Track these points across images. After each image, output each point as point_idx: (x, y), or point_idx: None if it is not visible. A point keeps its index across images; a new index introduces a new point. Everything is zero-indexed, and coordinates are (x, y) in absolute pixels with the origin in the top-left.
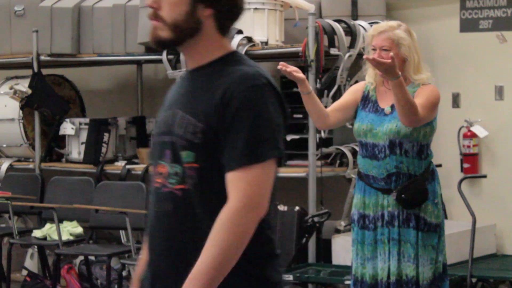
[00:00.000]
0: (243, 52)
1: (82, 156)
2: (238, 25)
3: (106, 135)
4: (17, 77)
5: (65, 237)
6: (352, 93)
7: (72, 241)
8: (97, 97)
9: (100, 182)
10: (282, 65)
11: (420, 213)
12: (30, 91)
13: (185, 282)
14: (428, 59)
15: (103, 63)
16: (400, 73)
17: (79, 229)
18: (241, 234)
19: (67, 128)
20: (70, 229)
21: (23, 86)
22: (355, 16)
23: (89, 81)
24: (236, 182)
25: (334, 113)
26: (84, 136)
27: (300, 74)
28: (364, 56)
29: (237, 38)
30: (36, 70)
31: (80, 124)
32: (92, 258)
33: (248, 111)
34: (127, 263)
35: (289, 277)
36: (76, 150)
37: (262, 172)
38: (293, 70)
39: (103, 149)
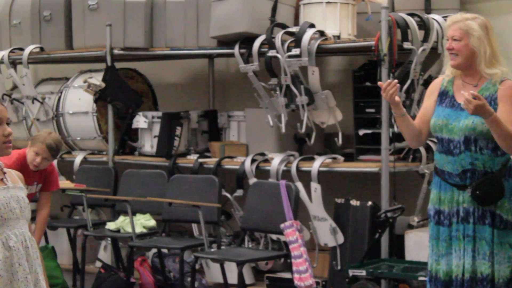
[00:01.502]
0: (315, 47)
1: (154, 149)
2: (310, 18)
3: (178, 128)
4: (90, 71)
5: (138, 229)
6: (430, 96)
7: (145, 233)
8: (169, 90)
9: (172, 176)
10: (382, 84)
11: (496, 210)
12: (103, 85)
13: None
14: (503, 54)
15: (175, 57)
16: (492, 110)
17: (152, 222)
18: None
19: (139, 121)
20: (143, 221)
21: (97, 79)
22: (428, 10)
23: (161, 74)
24: None
25: (421, 126)
26: (156, 129)
27: (397, 97)
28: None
29: (309, 32)
30: (109, 63)
31: (153, 117)
32: (165, 251)
33: None
34: (200, 256)
35: (362, 273)
36: (148, 144)
37: None
38: (394, 93)
39: (176, 143)
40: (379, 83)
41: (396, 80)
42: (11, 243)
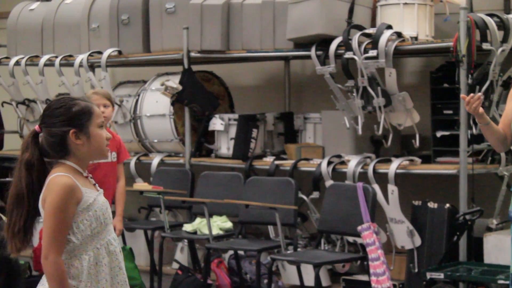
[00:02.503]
0: (392, 48)
1: (231, 151)
2: (387, 20)
3: (254, 130)
4: (167, 74)
5: (215, 231)
6: None
7: (222, 235)
8: (245, 92)
9: (249, 178)
10: (464, 97)
11: None
12: (180, 87)
13: None
14: None
15: (251, 59)
16: None
17: (228, 224)
18: None
19: (216, 123)
20: (220, 223)
21: (174, 82)
22: (508, 10)
23: (237, 77)
24: None
25: (506, 131)
26: (233, 131)
27: (481, 109)
28: None
29: (387, 34)
30: (186, 66)
31: (229, 119)
32: (241, 252)
33: None
34: (277, 258)
35: (440, 275)
36: (225, 146)
37: None
38: (478, 106)
39: (252, 145)
40: (461, 95)
41: (479, 93)
42: (111, 248)
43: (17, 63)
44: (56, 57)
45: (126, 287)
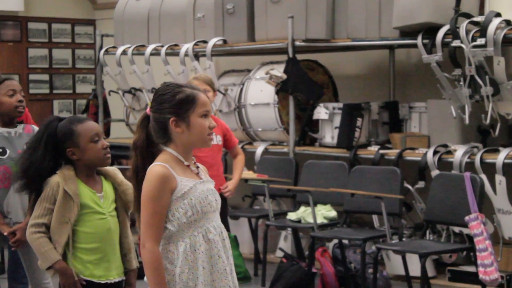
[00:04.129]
0: (501, 36)
1: (335, 140)
2: (496, 7)
3: (359, 119)
4: (272, 63)
5: (319, 220)
6: None
7: (326, 224)
8: (349, 81)
9: (353, 167)
10: None
11: None
12: (285, 76)
13: None
14: None
15: (356, 48)
16: None
17: (333, 213)
18: None
19: (320, 112)
20: (324, 212)
21: (278, 71)
22: None
23: (341, 65)
24: None
25: None
26: (337, 120)
27: None
28: None
29: (495, 21)
30: (291, 55)
31: (334, 108)
32: (345, 241)
33: None
34: (382, 248)
35: None
36: (329, 135)
37: None
38: None
39: (356, 134)
40: None
41: None
42: (210, 236)
43: (124, 52)
44: (162, 46)
45: (226, 276)
